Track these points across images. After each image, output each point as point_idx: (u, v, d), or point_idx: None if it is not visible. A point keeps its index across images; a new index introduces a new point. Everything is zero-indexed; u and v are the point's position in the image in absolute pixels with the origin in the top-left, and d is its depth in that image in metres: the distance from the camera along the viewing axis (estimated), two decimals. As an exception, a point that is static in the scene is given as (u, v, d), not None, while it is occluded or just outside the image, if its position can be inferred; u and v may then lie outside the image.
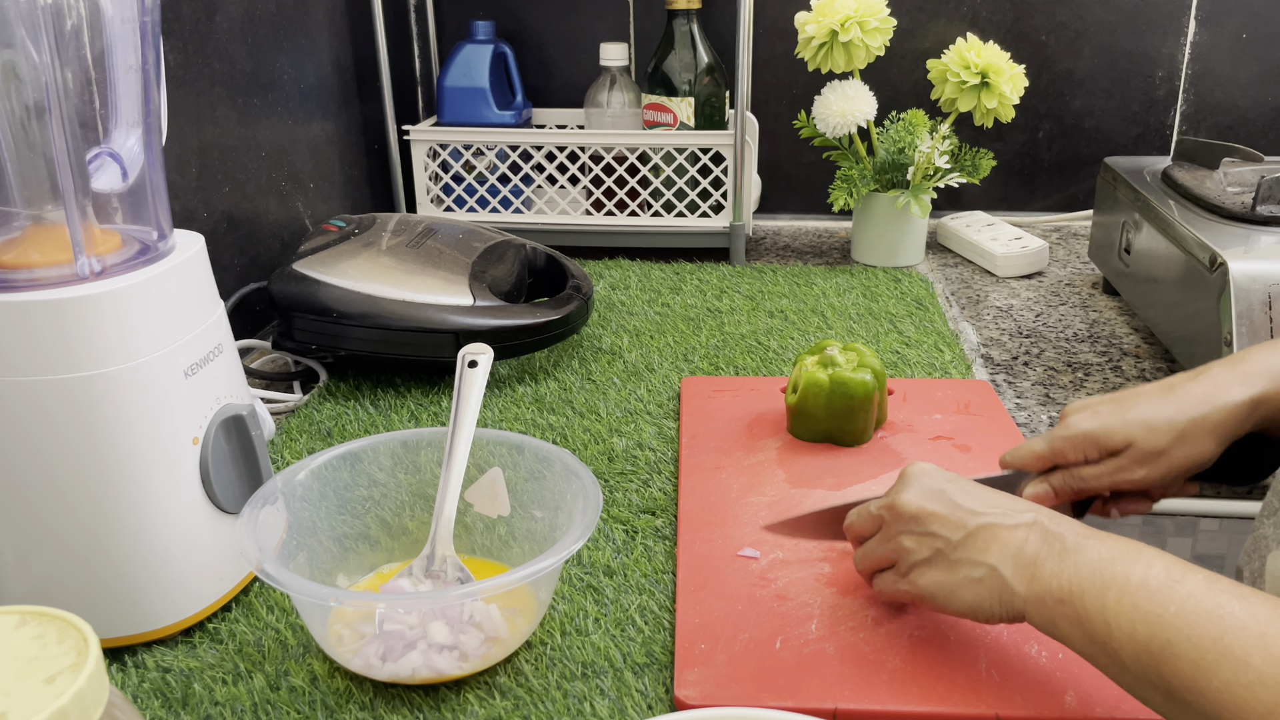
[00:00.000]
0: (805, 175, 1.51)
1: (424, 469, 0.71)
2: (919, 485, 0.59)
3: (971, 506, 0.57)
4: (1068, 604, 0.50)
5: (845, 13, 1.20)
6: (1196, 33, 1.41)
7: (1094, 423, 0.65)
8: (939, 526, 0.57)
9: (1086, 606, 0.50)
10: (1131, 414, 0.64)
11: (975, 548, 0.55)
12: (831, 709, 0.57)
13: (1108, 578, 0.50)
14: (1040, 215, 1.50)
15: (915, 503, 0.58)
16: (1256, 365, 0.64)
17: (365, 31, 1.32)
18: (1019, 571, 0.53)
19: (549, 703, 0.59)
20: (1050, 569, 0.52)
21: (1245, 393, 0.63)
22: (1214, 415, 0.63)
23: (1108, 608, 0.49)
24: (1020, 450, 0.68)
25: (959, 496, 0.58)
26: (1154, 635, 0.47)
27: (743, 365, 1.03)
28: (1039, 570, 0.52)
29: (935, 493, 0.58)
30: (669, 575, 0.71)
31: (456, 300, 0.95)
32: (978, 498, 0.57)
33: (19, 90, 0.57)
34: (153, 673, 0.62)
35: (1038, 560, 0.53)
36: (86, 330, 0.57)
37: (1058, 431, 0.66)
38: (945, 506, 0.58)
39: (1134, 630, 0.48)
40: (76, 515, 0.60)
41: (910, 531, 0.59)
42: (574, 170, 1.34)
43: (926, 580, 0.58)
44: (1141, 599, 0.48)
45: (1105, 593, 0.49)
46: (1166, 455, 0.63)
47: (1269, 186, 0.96)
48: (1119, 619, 0.48)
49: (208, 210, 1.02)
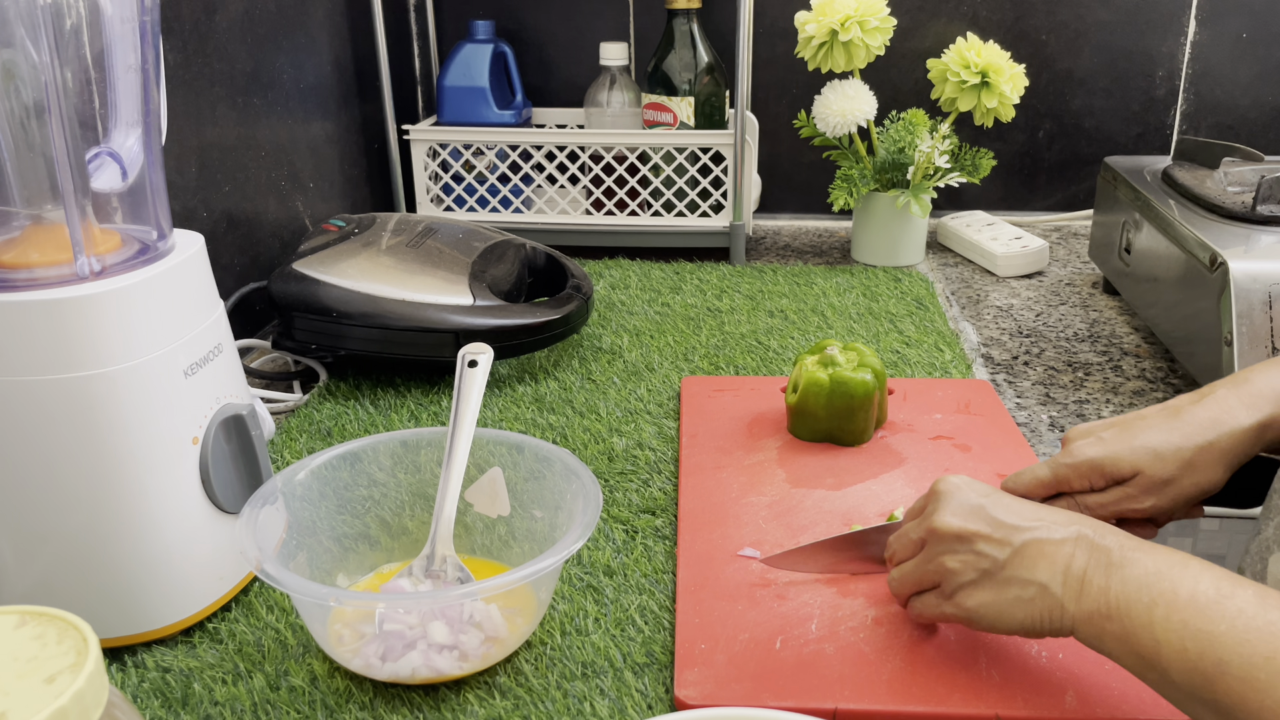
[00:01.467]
0: (805, 175, 1.51)
1: (424, 469, 0.71)
2: (956, 503, 0.57)
3: (1014, 522, 0.55)
4: (1115, 620, 0.49)
5: (845, 12, 1.20)
6: (1196, 32, 1.41)
7: (1100, 450, 0.63)
8: (984, 546, 0.55)
9: (1134, 623, 0.49)
10: (1138, 441, 0.63)
11: (1024, 566, 0.53)
12: (831, 709, 0.57)
13: (1155, 593, 0.48)
14: (1040, 215, 1.50)
15: (956, 523, 0.56)
16: (1262, 387, 0.63)
17: (365, 31, 1.32)
18: (1068, 588, 0.52)
19: (549, 703, 0.59)
20: (1098, 584, 0.51)
21: (1252, 418, 0.62)
22: (1221, 442, 0.62)
23: (1155, 624, 0.48)
24: (1024, 476, 0.66)
25: (999, 512, 0.56)
26: (1204, 653, 0.46)
27: (743, 365, 1.03)
28: (1087, 586, 0.51)
29: (974, 510, 0.56)
30: (669, 575, 0.71)
31: (456, 300, 0.95)
32: (1018, 512, 0.56)
33: (19, 90, 0.57)
34: (153, 673, 0.62)
35: (1085, 575, 0.51)
36: (86, 330, 0.57)
37: (1062, 459, 0.65)
38: (987, 524, 0.55)
39: (1184, 648, 0.47)
40: (76, 515, 0.60)
41: (954, 552, 0.56)
42: (574, 170, 1.34)
43: (974, 601, 0.55)
44: (1190, 615, 0.47)
45: (1153, 609, 0.48)
46: (1175, 483, 0.62)
47: (1269, 186, 0.96)
48: (1167, 636, 0.47)
49: (208, 210, 1.02)
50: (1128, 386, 0.98)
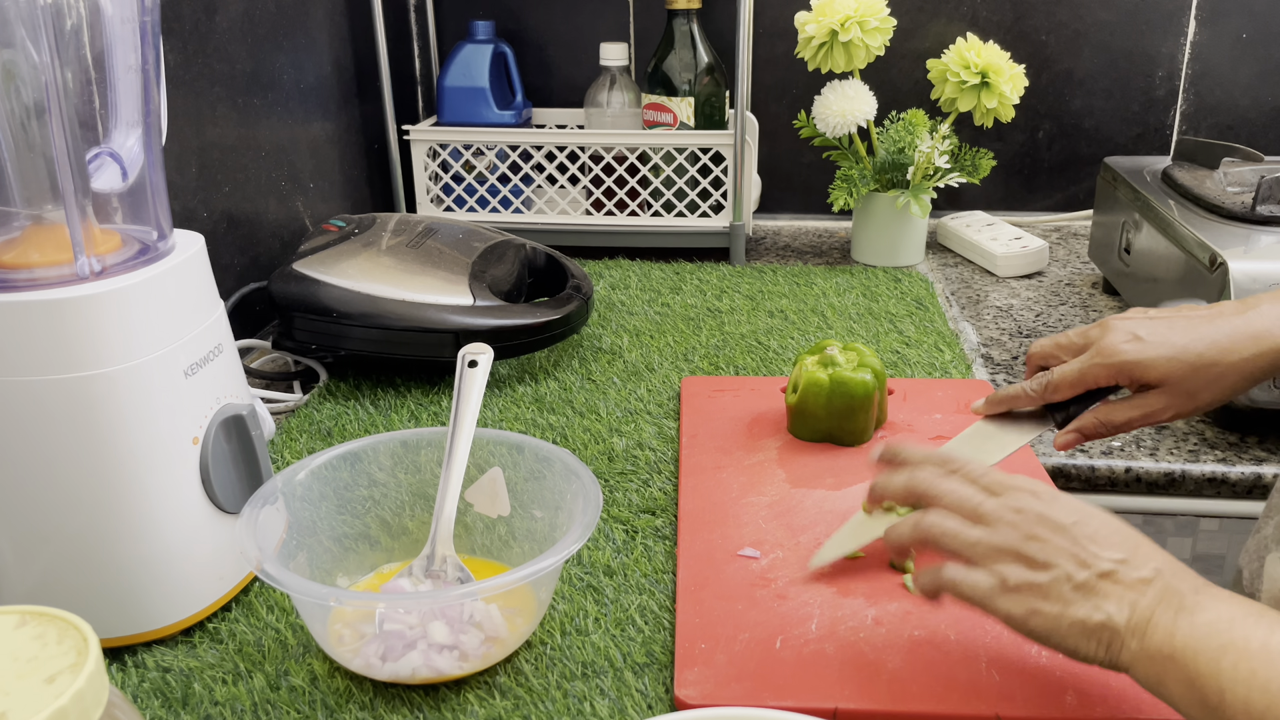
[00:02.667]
0: (805, 175, 1.51)
1: (424, 469, 0.71)
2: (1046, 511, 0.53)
3: (1096, 550, 0.51)
4: (1179, 663, 0.47)
5: (845, 12, 1.20)
6: (1196, 33, 1.41)
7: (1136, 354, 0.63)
8: (1062, 559, 0.51)
9: (1200, 668, 0.47)
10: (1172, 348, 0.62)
11: (1095, 592, 0.51)
12: (831, 709, 0.57)
13: (1226, 640, 0.47)
14: (1040, 215, 1.50)
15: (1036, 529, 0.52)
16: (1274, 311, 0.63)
17: (365, 31, 1.32)
18: (1133, 626, 0.50)
19: (549, 703, 0.59)
20: (1164, 627, 0.49)
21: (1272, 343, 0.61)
22: (1260, 359, 0.62)
23: (1223, 672, 0.46)
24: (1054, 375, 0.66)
25: (1082, 536, 0.52)
26: (1271, 706, 0.44)
27: (743, 365, 1.03)
28: (1153, 628, 0.49)
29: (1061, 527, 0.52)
30: (669, 575, 0.71)
31: (456, 300, 0.95)
32: (1105, 538, 0.52)
33: (19, 90, 0.57)
34: (153, 673, 0.62)
35: (1152, 617, 0.49)
36: (86, 330, 0.57)
37: (1096, 359, 0.64)
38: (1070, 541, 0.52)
39: (1249, 697, 0.45)
40: (76, 515, 0.60)
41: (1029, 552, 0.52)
42: (574, 170, 1.34)
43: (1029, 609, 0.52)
44: (1260, 665, 0.45)
45: (1222, 656, 0.46)
46: (1198, 396, 0.63)
47: (1269, 186, 0.96)
48: (1234, 684, 0.45)
49: (208, 210, 1.02)
50: (1128, 386, 0.98)
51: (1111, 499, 0.87)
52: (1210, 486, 0.85)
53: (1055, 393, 0.67)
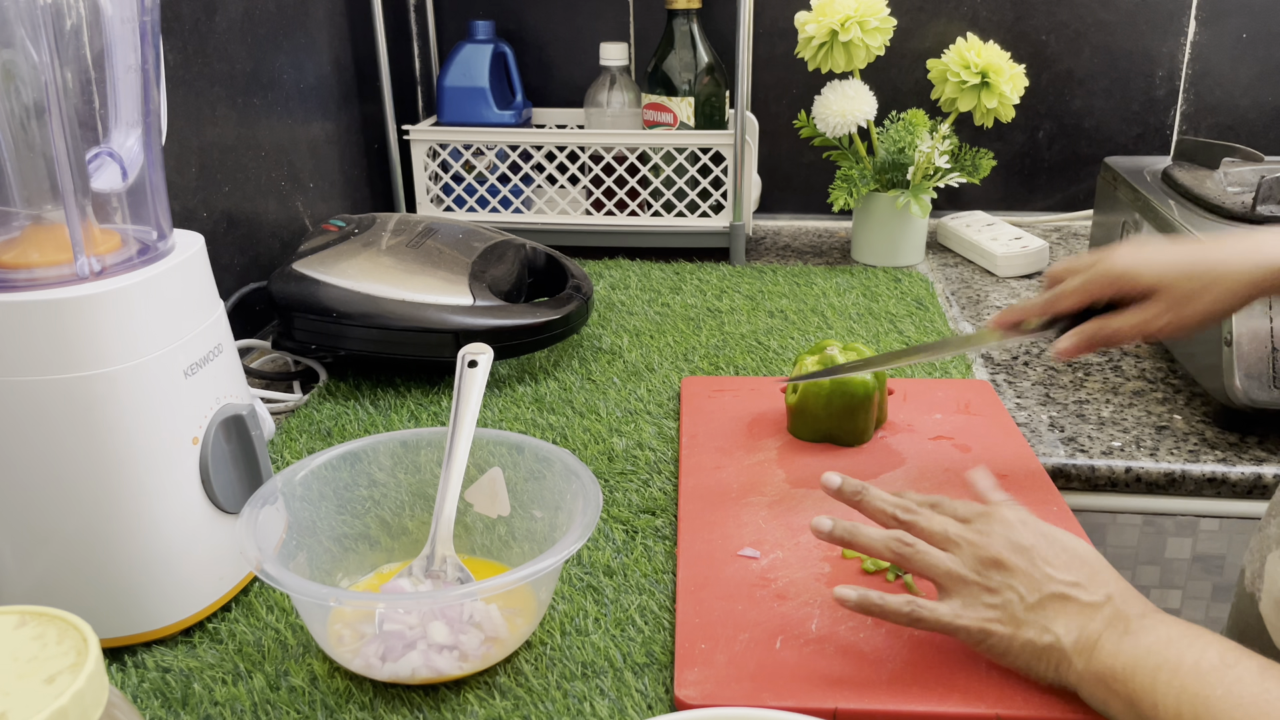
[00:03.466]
0: (805, 175, 1.51)
1: (424, 469, 0.71)
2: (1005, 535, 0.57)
3: (1050, 572, 0.55)
4: (1121, 681, 0.50)
5: (845, 12, 1.20)
6: (1196, 33, 1.41)
7: (1133, 261, 0.66)
8: (1017, 581, 0.55)
9: (1138, 686, 0.49)
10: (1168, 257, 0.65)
11: (1044, 614, 0.54)
12: (831, 709, 0.57)
13: (1161, 659, 0.49)
14: (1040, 215, 1.50)
15: (998, 550, 0.56)
16: None
17: (365, 31, 1.32)
18: (1080, 647, 0.53)
19: (549, 703, 0.59)
20: (1109, 649, 0.52)
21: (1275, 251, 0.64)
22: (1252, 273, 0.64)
23: (1158, 688, 0.48)
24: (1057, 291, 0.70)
25: (1039, 559, 0.56)
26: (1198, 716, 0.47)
27: (743, 365, 1.03)
28: (1098, 649, 0.52)
29: (1020, 549, 0.56)
30: (669, 575, 0.71)
31: (456, 300, 0.95)
32: (1060, 562, 0.56)
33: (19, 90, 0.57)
34: (152, 673, 0.62)
35: (1099, 640, 0.52)
36: (86, 330, 0.57)
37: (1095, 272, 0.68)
38: (1026, 563, 0.56)
39: (1179, 712, 0.47)
40: (76, 515, 0.60)
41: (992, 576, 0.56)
42: (574, 170, 1.33)
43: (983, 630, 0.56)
44: (1190, 681, 0.48)
45: (1157, 674, 0.49)
46: (1193, 302, 0.65)
47: (1269, 186, 0.96)
48: (1166, 699, 0.48)
49: (208, 210, 1.02)
50: (1128, 387, 0.98)
51: (1112, 499, 0.87)
52: (1210, 486, 0.85)
53: (1060, 303, 0.71)
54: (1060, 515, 0.73)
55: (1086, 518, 0.89)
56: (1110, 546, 0.91)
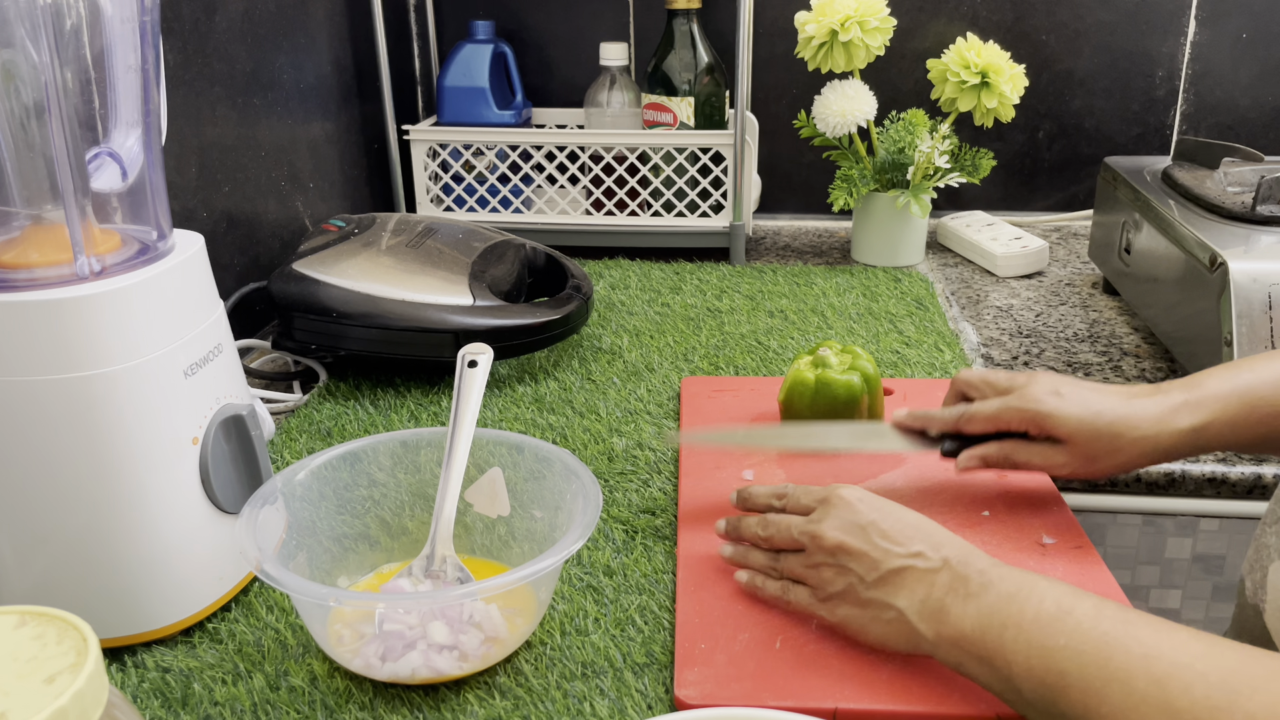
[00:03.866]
0: (805, 175, 1.51)
1: (424, 469, 0.71)
2: (842, 518, 0.60)
3: (888, 547, 0.58)
4: (972, 643, 0.52)
5: (845, 12, 1.20)
6: (1196, 32, 1.41)
7: (1052, 407, 0.67)
8: (855, 564, 0.58)
9: (988, 646, 0.51)
10: (1087, 410, 0.67)
11: (886, 589, 0.57)
12: (831, 709, 0.57)
13: (1005, 616, 0.51)
14: (1040, 215, 1.50)
15: (836, 536, 0.59)
16: (1210, 392, 0.66)
17: (365, 31, 1.32)
18: (925, 616, 0.55)
19: (549, 703, 0.59)
20: (956, 613, 0.53)
21: (1190, 421, 0.65)
22: (1159, 439, 0.66)
23: (1006, 646, 0.51)
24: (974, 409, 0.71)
25: (876, 535, 0.58)
26: (1048, 668, 0.49)
27: (743, 365, 1.03)
28: (945, 615, 0.54)
29: (857, 529, 0.59)
30: (669, 575, 0.71)
31: (456, 300, 0.95)
32: (898, 535, 0.58)
33: (19, 90, 0.57)
34: (152, 673, 0.62)
35: (944, 606, 0.54)
36: (86, 330, 0.57)
37: (1014, 402, 0.69)
38: (864, 543, 0.58)
39: (1030, 665, 0.49)
40: (76, 515, 0.60)
41: (828, 564, 0.60)
42: (574, 170, 1.33)
43: (841, 613, 0.60)
44: (1034, 634, 0.50)
45: (1004, 632, 0.51)
46: (1096, 461, 0.67)
47: (1269, 186, 0.96)
48: (1015, 655, 0.50)
49: (207, 210, 1.02)
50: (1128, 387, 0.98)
51: (1112, 499, 0.87)
52: (1210, 486, 0.85)
53: (969, 424, 0.72)
54: (1060, 516, 0.73)
55: (1086, 518, 0.89)
56: (1110, 546, 0.91)
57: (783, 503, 0.66)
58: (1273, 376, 0.66)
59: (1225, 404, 0.65)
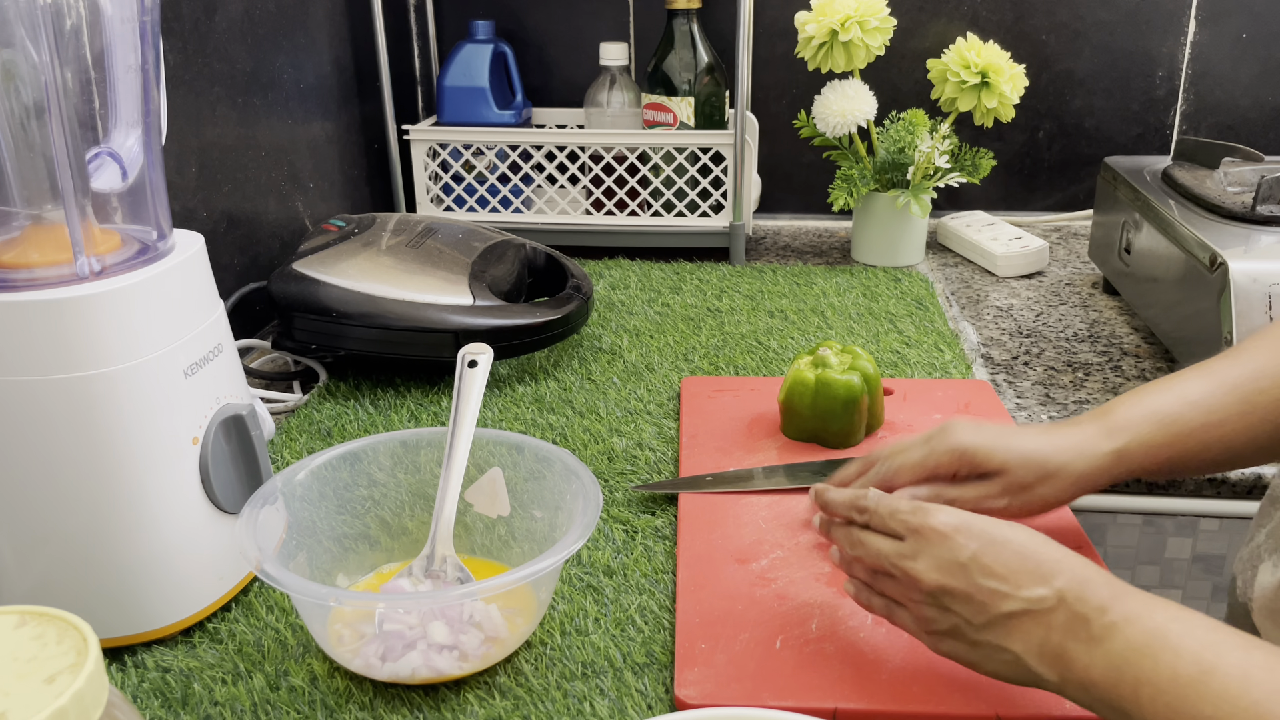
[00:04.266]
0: (805, 175, 1.51)
1: (424, 469, 0.71)
2: (938, 555, 0.54)
3: (995, 587, 0.52)
4: (1101, 692, 0.49)
5: (845, 12, 1.20)
6: (1196, 32, 1.41)
7: (976, 439, 0.66)
8: (959, 606, 0.53)
9: (1122, 698, 0.48)
10: (1013, 443, 0.66)
11: (997, 633, 0.52)
12: (831, 709, 0.57)
13: (1138, 672, 0.48)
14: (1040, 215, 1.50)
15: (935, 579, 0.54)
16: (1122, 419, 0.66)
17: (365, 31, 1.32)
18: (1045, 660, 0.51)
19: (549, 703, 0.59)
20: (1080, 660, 0.49)
21: (1109, 446, 0.65)
22: (1079, 464, 0.65)
23: (1143, 704, 0.47)
24: (896, 460, 0.68)
25: (979, 575, 0.52)
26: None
27: (743, 365, 1.03)
28: (1068, 660, 0.50)
29: (957, 567, 0.53)
30: (669, 575, 0.71)
31: (456, 300, 0.95)
32: (1004, 571, 0.52)
33: (19, 90, 0.57)
34: (152, 673, 0.62)
35: (1065, 650, 0.50)
36: (86, 330, 0.57)
37: (936, 444, 0.67)
38: (967, 584, 0.53)
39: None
40: (76, 515, 0.60)
41: (929, 604, 0.55)
42: (574, 170, 1.33)
43: (948, 648, 0.55)
44: (1174, 698, 0.46)
45: (1139, 689, 0.47)
46: (1032, 490, 0.65)
47: (1269, 186, 0.96)
48: (1155, 715, 0.46)
49: (207, 210, 1.02)
50: (1127, 386, 0.98)
51: (1112, 499, 0.87)
52: (1210, 486, 0.85)
53: (897, 478, 0.68)
54: (1060, 516, 0.73)
55: (1086, 518, 0.89)
56: (1110, 546, 0.91)
57: (865, 518, 0.59)
58: (1179, 397, 0.66)
59: (1139, 427, 0.65)
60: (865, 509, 0.59)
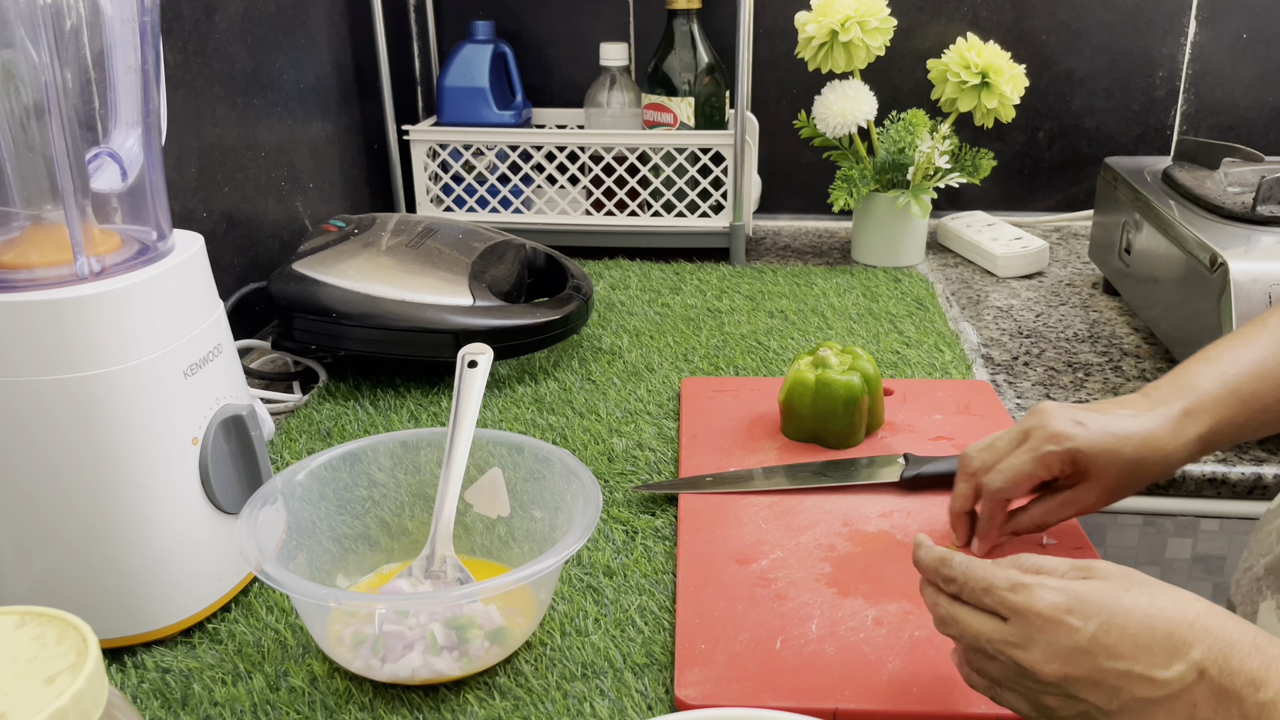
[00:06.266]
0: (805, 175, 1.51)
1: (424, 469, 0.70)
2: (1054, 644, 0.48)
3: (1125, 669, 0.46)
4: None
5: (845, 13, 1.20)
6: (1196, 33, 1.41)
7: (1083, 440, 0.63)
8: (1086, 694, 0.47)
9: None
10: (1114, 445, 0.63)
11: (1134, 714, 0.46)
12: (831, 709, 0.57)
13: None
14: (1040, 215, 1.50)
15: (1055, 670, 0.47)
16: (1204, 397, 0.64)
17: (365, 31, 1.32)
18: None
19: (549, 703, 0.59)
20: None
21: (1195, 431, 0.64)
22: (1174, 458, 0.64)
23: None
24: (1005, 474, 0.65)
25: (1105, 658, 0.46)
26: None
27: (743, 365, 1.03)
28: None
29: (1078, 653, 0.47)
30: (669, 575, 0.71)
31: (456, 300, 0.95)
32: (1132, 650, 0.46)
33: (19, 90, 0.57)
34: (152, 673, 0.62)
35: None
36: (86, 330, 0.57)
37: (1042, 445, 0.64)
38: (1093, 670, 0.47)
39: None
40: (76, 515, 0.60)
41: (1050, 693, 0.48)
42: (574, 170, 1.33)
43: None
44: None
45: None
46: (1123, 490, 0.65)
47: (1269, 186, 0.96)
48: None
49: (207, 210, 1.02)
50: (1128, 387, 0.98)
51: (1112, 499, 0.87)
52: (1210, 487, 0.85)
53: (1015, 492, 0.65)
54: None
55: (1086, 518, 0.89)
56: (1110, 546, 0.91)
57: (953, 589, 0.52)
58: (1253, 370, 0.64)
59: (1222, 406, 0.64)
60: (952, 578, 0.52)
